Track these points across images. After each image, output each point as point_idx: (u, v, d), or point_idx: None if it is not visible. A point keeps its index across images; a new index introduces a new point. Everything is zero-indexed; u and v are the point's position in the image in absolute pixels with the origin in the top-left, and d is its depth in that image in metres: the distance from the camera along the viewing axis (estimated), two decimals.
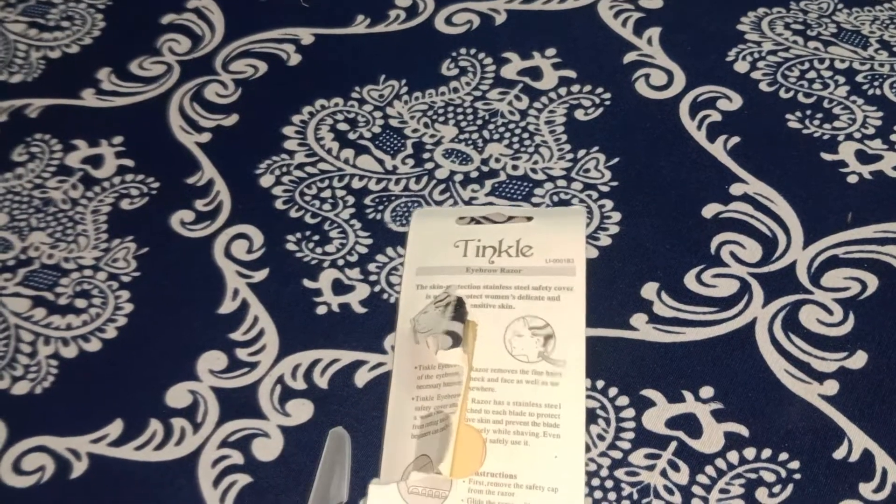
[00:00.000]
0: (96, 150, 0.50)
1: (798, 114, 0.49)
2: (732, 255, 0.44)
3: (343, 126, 0.50)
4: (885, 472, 0.38)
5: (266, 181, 0.48)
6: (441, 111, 0.51)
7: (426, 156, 0.49)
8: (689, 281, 0.44)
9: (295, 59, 0.54)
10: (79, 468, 0.40)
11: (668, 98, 0.50)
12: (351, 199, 0.48)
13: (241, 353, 0.43)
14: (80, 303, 0.45)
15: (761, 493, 0.38)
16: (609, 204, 0.47)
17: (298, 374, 0.42)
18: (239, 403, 0.41)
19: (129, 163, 0.50)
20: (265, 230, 0.47)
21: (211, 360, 0.42)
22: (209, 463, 0.39)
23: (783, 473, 0.38)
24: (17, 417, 0.41)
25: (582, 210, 0.46)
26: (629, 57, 0.52)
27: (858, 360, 0.41)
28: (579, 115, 0.50)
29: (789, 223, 0.45)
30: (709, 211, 0.46)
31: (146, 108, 0.52)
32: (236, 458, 0.40)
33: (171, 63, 0.54)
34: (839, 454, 0.39)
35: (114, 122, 0.51)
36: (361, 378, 0.42)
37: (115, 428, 0.41)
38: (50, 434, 0.41)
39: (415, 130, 0.50)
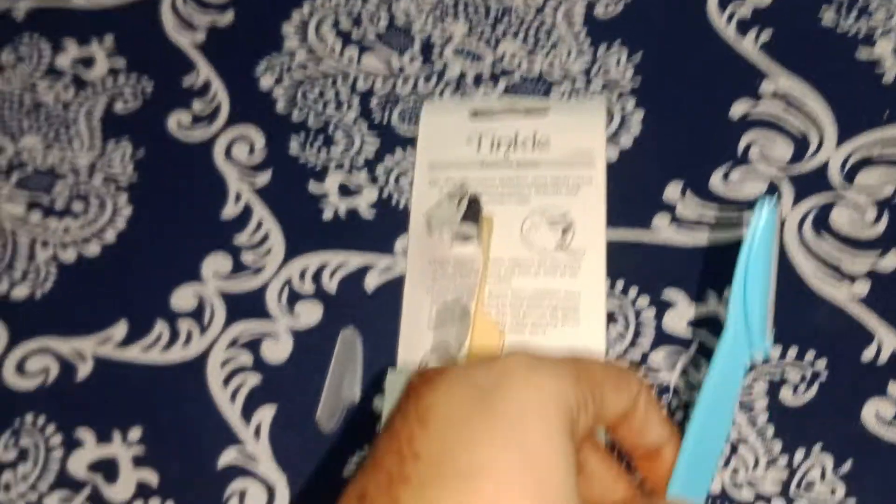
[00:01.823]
0: (87, 50, 0.53)
1: (833, 8, 0.51)
2: (761, 154, 0.47)
3: (346, 23, 0.52)
4: None
5: (266, 82, 0.51)
6: (451, 7, 0.53)
7: (435, 54, 0.51)
8: (715, 182, 0.46)
9: None
10: (84, 370, 0.43)
11: None
12: (356, 101, 0.50)
13: (247, 257, 0.45)
14: (77, 206, 0.47)
15: (785, 391, 0.41)
16: (631, 103, 0.49)
17: (306, 277, 0.45)
18: (246, 306, 0.44)
19: (121, 64, 0.52)
20: (267, 132, 0.49)
21: (216, 263, 0.45)
22: (218, 364, 0.43)
23: (809, 373, 0.41)
24: (18, 320, 0.44)
25: (602, 100, 0.48)
26: None
27: (891, 260, 0.44)
28: (599, 10, 0.52)
29: (823, 121, 0.48)
30: (737, 109, 0.48)
31: (137, 7, 0.54)
32: (245, 359, 0.43)
33: None
34: (868, 355, 0.42)
35: (104, 22, 0.53)
36: (371, 282, 0.45)
37: (120, 329, 0.44)
38: (53, 336, 0.44)
39: (422, 28, 0.52)
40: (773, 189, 0.46)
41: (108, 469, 0.40)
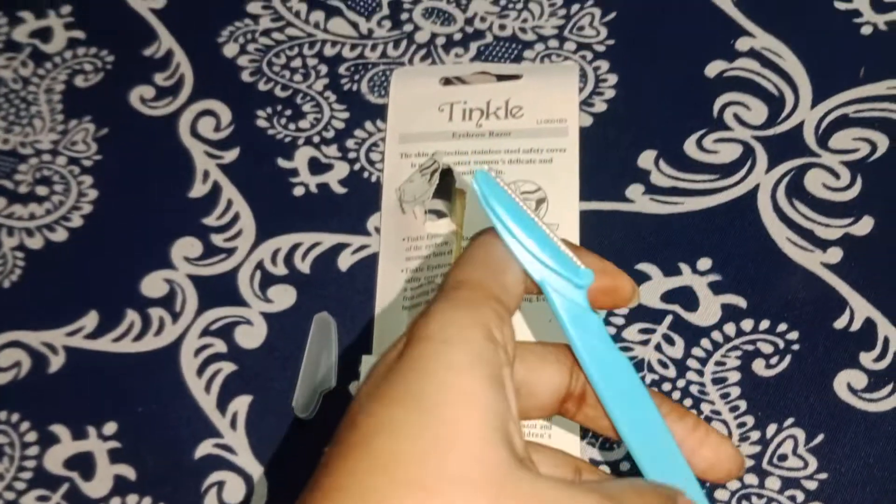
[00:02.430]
0: (44, 22, 0.50)
1: None
2: (736, 117, 0.45)
3: None
4: (886, 341, 0.40)
5: (230, 50, 0.48)
6: None
7: (404, 17, 0.49)
8: (690, 147, 0.45)
9: None
10: (56, 362, 0.42)
11: None
12: (324, 69, 0.48)
13: (217, 239, 0.44)
14: (42, 190, 0.46)
15: (758, 364, 0.40)
16: (605, 65, 0.47)
17: (278, 259, 0.44)
18: (218, 291, 0.43)
19: (80, 35, 0.49)
20: (233, 105, 0.47)
21: (185, 247, 0.44)
22: (191, 352, 0.42)
23: (781, 344, 0.41)
24: None
25: (574, 66, 0.47)
26: None
27: (864, 226, 0.43)
28: None
29: (798, 80, 0.46)
30: (712, 69, 0.46)
31: None
32: (219, 346, 0.42)
33: None
34: (840, 324, 0.41)
35: None
36: (345, 261, 0.43)
37: (91, 320, 0.43)
38: (23, 329, 0.43)
39: None
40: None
41: (84, 465, 0.40)
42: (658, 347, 0.41)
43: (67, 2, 0.50)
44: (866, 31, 0.47)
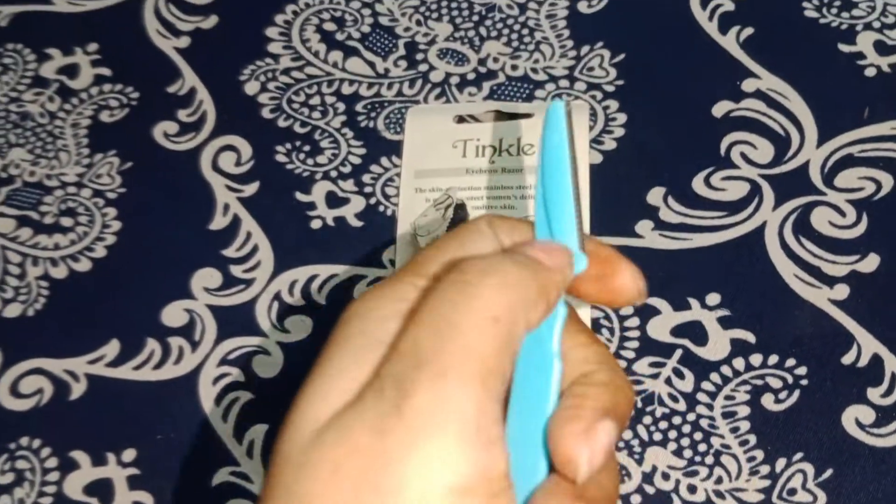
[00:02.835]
0: (71, 59, 0.51)
1: (815, 1, 0.50)
2: (743, 155, 0.46)
3: (330, 26, 0.51)
4: (893, 377, 0.40)
5: (251, 88, 0.49)
6: (434, 7, 0.51)
7: (419, 57, 0.50)
8: (698, 185, 0.45)
9: None
10: (78, 389, 0.42)
11: None
12: (342, 106, 0.49)
13: (236, 270, 0.45)
14: (67, 221, 0.46)
15: (767, 399, 0.40)
16: (614, 105, 0.48)
17: (296, 290, 0.44)
18: (236, 321, 0.43)
19: (106, 72, 0.50)
20: (253, 141, 0.48)
21: (205, 278, 0.44)
22: (210, 381, 0.42)
23: (790, 379, 0.41)
24: (10, 340, 0.43)
25: (584, 105, 0.47)
26: None
27: (870, 263, 0.43)
28: (582, 7, 0.51)
29: (803, 121, 0.47)
30: (719, 109, 0.47)
31: (120, 12, 0.52)
32: (237, 375, 0.42)
33: None
34: (847, 359, 0.41)
35: (87, 29, 0.52)
36: (360, 293, 0.44)
37: (112, 348, 0.43)
38: (46, 356, 0.43)
39: (406, 29, 0.51)
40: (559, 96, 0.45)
41: (103, 491, 0.40)
42: (668, 381, 0.41)
43: (94, 40, 0.51)
44: (870, 72, 0.48)
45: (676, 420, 0.40)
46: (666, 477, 0.40)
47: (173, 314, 0.43)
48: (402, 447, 0.21)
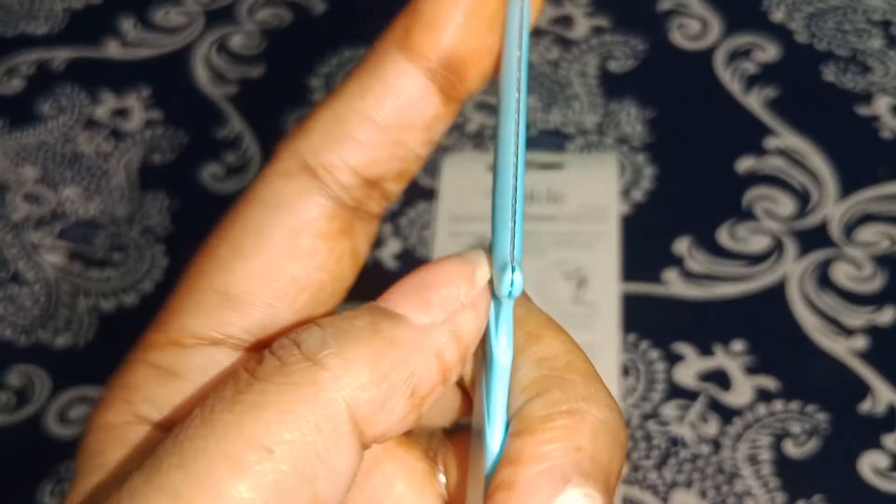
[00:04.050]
0: (124, 102, 0.53)
1: (833, 65, 0.52)
2: (765, 210, 0.48)
3: None
4: None
5: None
6: None
7: None
8: (721, 236, 0.47)
9: (320, 8, 0.56)
10: None
11: (702, 48, 0.53)
12: None
13: None
14: (117, 257, 0.48)
15: (788, 444, 0.42)
16: (642, 159, 0.50)
17: None
18: None
19: (157, 115, 0.53)
20: None
21: None
22: None
23: (810, 425, 0.42)
24: (60, 369, 0.45)
25: (613, 158, 0.49)
26: (663, 5, 0.55)
27: (887, 315, 0.44)
28: (612, 66, 0.53)
29: (822, 178, 0.48)
30: (742, 165, 0.49)
31: (171, 60, 0.54)
32: None
33: (195, 12, 0.56)
34: (865, 408, 0.42)
35: (139, 74, 0.54)
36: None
37: None
38: (93, 384, 0.44)
39: None
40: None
41: None
42: (693, 425, 0.42)
43: (147, 85, 0.54)
44: (886, 135, 0.49)
45: (701, 462, 0.41)
46: None
47: None
48: None
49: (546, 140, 0.51)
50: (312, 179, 0.17)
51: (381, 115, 0.16)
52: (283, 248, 0.17)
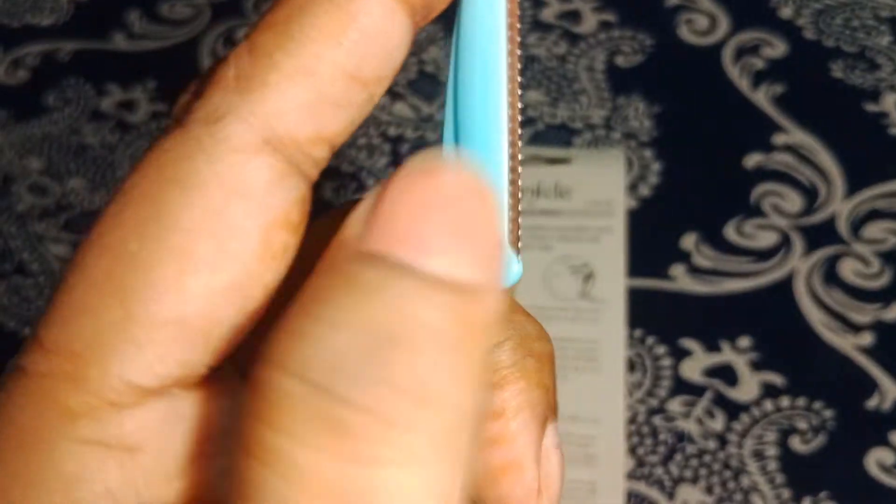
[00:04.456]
0: (130, 94, 0.53)
1: (841, 62, 0.52)
2: (773, 205, 0.47)
3: None
4: None
5: None
6: None
7: None
8: (729, 232, 0.47)
9: None
10: None
11: (710, 44, 0.53)
12: (387, 148, 0.50)
13: None
14: None
15: (794, 440, 0.42)
16: (649, 154, 0.49)
17: None
18: None
19: (163, 108, 0.52)
20: None
21: None
22: None
23: (816, 422, 0.42)
24: None
25: (620, 153, 0.49)
26: (671, 1, 0.55)
27: (894, 311, 0.44)
28: (620, 61, 0.53)
29: (830, 174, 0.48)
30: (750, 161, 0.49)
31: (177, 52, 0.54)
32: None
33: (201, 5, 0.56)
34: (871, 404, 0.42)
35: (145, 67, 0.54)
36: None
37: None
38: None
39: None
40: None
41: None
42: (699, 420, 0.42)
43: (153, 77, 0.53)
44: (894, 132, 0.49)
45: (707, 458, 0.41)
46: None
47: None
48: None
49: (553, 136, 0.50)
50: (278, 157, 0.13)
51: (347, 51, 0.13)
52: (257, 251, 0.13)
